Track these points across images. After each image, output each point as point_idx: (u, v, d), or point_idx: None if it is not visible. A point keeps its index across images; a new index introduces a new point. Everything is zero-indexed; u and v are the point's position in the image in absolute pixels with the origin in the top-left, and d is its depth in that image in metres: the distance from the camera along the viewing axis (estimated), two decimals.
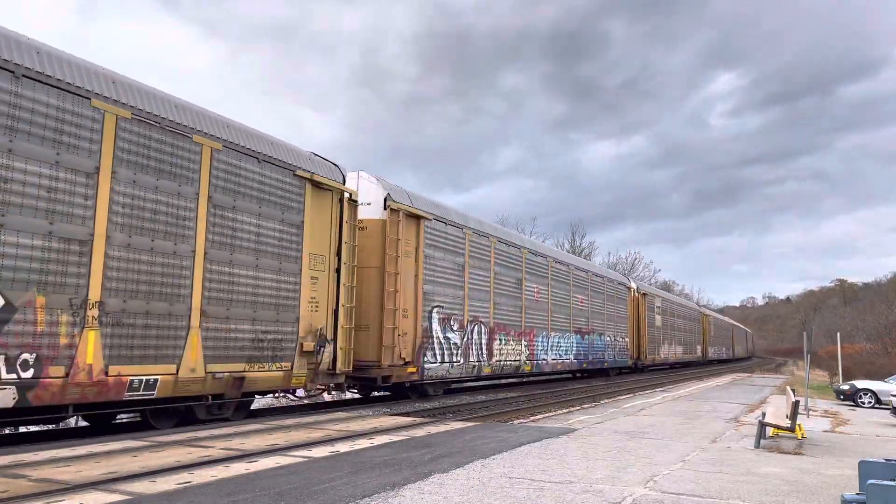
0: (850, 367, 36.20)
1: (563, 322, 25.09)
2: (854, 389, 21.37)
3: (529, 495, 5.56)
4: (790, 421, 9.54)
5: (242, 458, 6.90)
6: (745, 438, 10.06)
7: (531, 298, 22.38)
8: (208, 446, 7.58)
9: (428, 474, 6.26)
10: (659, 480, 6.43)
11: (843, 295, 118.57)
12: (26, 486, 5.33)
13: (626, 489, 5.94)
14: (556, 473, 6.58)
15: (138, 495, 5.15)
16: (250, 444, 7.77)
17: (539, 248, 24.68)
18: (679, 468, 7.20)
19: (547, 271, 23.92)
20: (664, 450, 8.54)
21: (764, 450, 8.97)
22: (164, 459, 6.65)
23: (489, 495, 5.51)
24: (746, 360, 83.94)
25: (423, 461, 6.97)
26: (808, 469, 7.55)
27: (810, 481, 6.76)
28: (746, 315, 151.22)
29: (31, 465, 6.27)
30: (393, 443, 8.30)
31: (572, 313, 26.08)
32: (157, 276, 9.24)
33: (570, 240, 66.93)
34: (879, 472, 5.37)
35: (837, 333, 24.47)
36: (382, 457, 7.19)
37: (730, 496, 5.86)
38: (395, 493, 5.45)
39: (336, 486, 5.60)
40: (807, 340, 16.64)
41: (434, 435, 9.17)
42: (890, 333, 50.80)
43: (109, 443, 7.72)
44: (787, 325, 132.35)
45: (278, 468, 6.40)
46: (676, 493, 5.84)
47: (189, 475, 5.94)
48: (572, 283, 26.39)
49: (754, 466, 7.53)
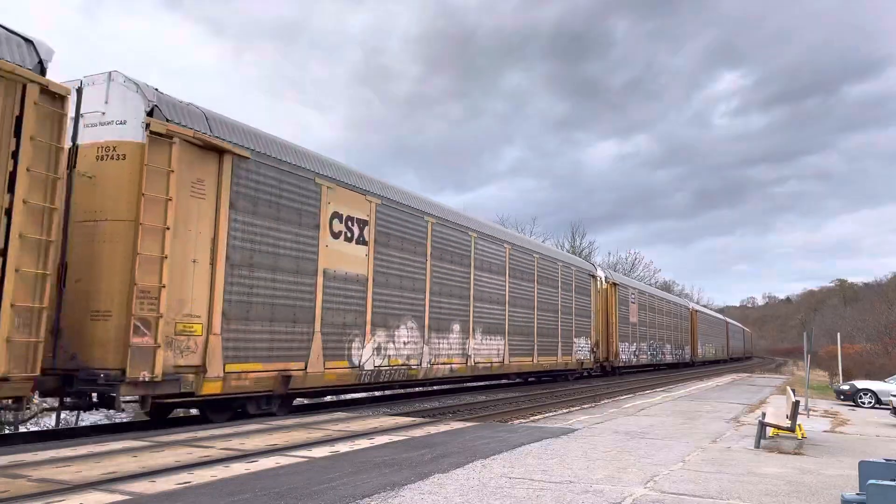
0: (850, 368, 36.19)
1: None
2: (854, 389, 21.37)
3: (529, 495, 5.55)
4: (790, 421, 9.54)
5: (242, 458, 6.90)
6: (745, 438, 10.06)
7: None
8: (208, 446, 7.57)
9: (428, 474, 6.25)
10: (659, 480, 6.43)
11: (843, 295, 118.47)
12: (26, 486, 5.33)
13: (626, 489, 5.94)
14: (556, 473, 6.58)
15: (138, 495, 5.15)
16: (250, 445, 7.77)
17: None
18: (679, 468, 7.20)
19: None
20: (664, 450, 8.54)
21: (764, 450, 8.97)
22: (164, 459, 6.65)
23: (489, 495, 5.51)
24: (745, 360, 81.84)
25: (423, 461, 6.97)
26: (808, 469, 7.55)
27: (810, 481, 6.76)
28: (746, 315, 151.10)
29: (31, 465, 6.27)
30: (393, 443, 8.30)
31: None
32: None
33: (571, 240, 66.87)
34: (879, 472, 5.37)
35: (838, 333, 24.46)
36: (382, 457, 7.18)
37: (730, 496, 5.86)
38: (395, 493, 5.45)
39: (336, 486, 5.60)
40: (807, 340, 16.63)
41: (434, 435, 9.17)
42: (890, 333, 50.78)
43: (109, 443, 7.72)
44: (787, 325, 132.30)
45: (278, 468, 6.40)
46: (676, 494, 5.84)
47: (189, 475, 5.94)
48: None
49: (754, 466, 7.53)
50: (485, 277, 19.06)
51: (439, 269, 16.52)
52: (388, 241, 14.43)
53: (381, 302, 14.02)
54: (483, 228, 19.75)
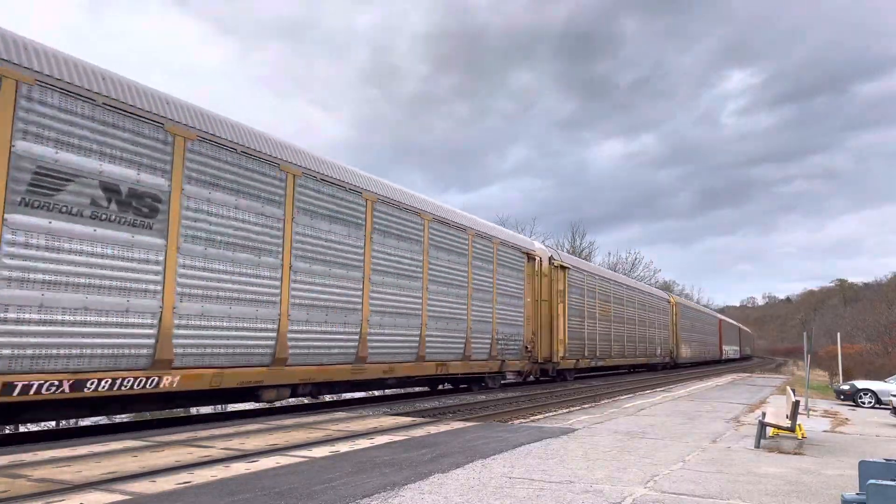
0: (850, 367, 36.22)
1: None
2: (854, 389, 21.38)
3: (529, 495, 5.56)
4: (790, 421, 9.55)
5: (243, 457, 6.90)
6: (745, 438, 10.06)
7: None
8: (208, 446, 7.58)
9: (428, 474, 6.26)
10: (659, 480, 6.43)
11: (843, 295, 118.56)
12: (26, 486, 5.33)
13: (627, 489, 5.94)
14: (557, 473, 6.58)
15: (138, 495, 5.15)
16: (250, 444, 7.77)
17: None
18: (679, 468, 7.20)
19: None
20: (664, 450, 8.54)
21: (764, 450, 8.97)
22: (164, 459, 6.65)
23: (489, 495, 5.51)
24: (743, 361, 78.87)
25: (423, 461, 6.97)
26: (808, 469, 7.55)
27: (810, 481, 6.76)
28: (746, 315, 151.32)
29: (31, 465, 6.27)
30: (393, 443, 8.30)
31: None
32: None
33: (571, 240, 66.82)
34: (879, 472, 5.37)
35: (838, 333, 24.47)
36: (383, 457, 7.19)
37: (730, 496, 5.86)
38: (395, 493, 5.45)
39: (336, 486, 5.60)
40: (807, 340, 16.64)
41: (434, 435, 9.17)
42: (890, 333, 50.82)
43: (109, 443, 7.72)
44: (787, 325, 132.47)
45: (279, 468, 6.40)
46: (676, 493, 5.84)
47: (189, 475, 5.94)
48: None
49: (754, 466, 7.53)
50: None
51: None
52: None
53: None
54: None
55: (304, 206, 12.54)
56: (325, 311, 12.83)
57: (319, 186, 13.00)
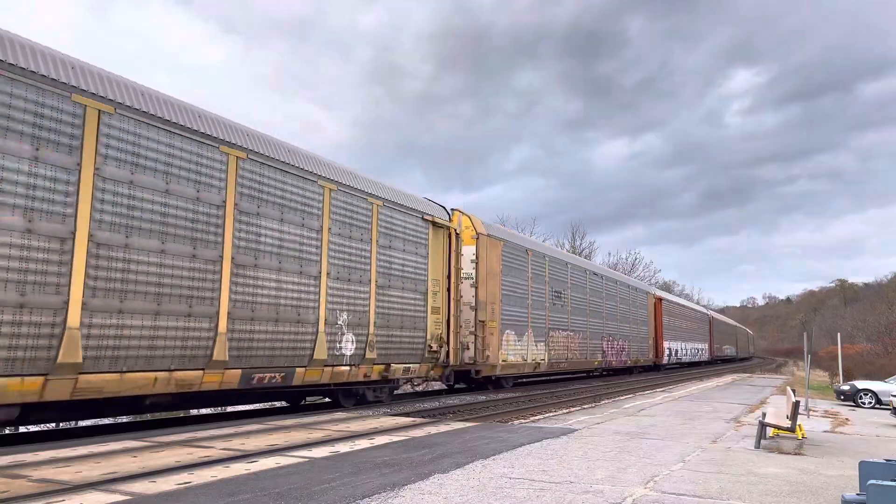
0: (850, 368, 36.19)
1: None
2: (854, 390, 21.37)
3: (529, 495, 5.55)
4: (790, 421, 9.54)
5: (242, 458, 6.90)
6: (745, 439, 10.06)
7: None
8: (208, 446, 7.58)
9: (428, 474, 6.25)
10: (659, 481, 6.43)
11: (843, 295, 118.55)
12: (26, 486, 5.33)
13: (627, 489, 5.93)
14: (557, 474, 6.58)
15: (138, 495, 5.14)
16: (250, 445, 7.77)
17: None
18: (679, 468, 7.20)
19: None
20: (664, 450, 8.54)
21: (764, 450, 8.96)
22: (164, 459, 6.65)
23: (489, 495, 5.50)
24: (742, 361, 76.60)
25: (423, 461, 6.97)
26: (808, 469, 7.54)
27: (811, 482, 6.75)
28: (747, 315, 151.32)
29: (31, 465, 6.27)
30: (393, 443, 8.30)
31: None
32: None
33: (571, 240, 66.72)
34: (880, 472, 5.37)
35: (838, 334, 24.45)
36: (382, 457, 7.18)
37: (730, 496, 5.86)
38: (394, 493, 5.45)
39: (336, 487, 5.60)
40: (807, 341, 16.63)
41: (434, 435, 9.17)
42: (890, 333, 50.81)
43: (109, 443, 7.72)
44: (787, 326, 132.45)
45: (278, 468, 6.40)
46: (677, 494, 5.84)
47: (189, 475, 5.94)
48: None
49: (754, 467, 7.52)
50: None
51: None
52: None
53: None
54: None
55: None
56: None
57: None
